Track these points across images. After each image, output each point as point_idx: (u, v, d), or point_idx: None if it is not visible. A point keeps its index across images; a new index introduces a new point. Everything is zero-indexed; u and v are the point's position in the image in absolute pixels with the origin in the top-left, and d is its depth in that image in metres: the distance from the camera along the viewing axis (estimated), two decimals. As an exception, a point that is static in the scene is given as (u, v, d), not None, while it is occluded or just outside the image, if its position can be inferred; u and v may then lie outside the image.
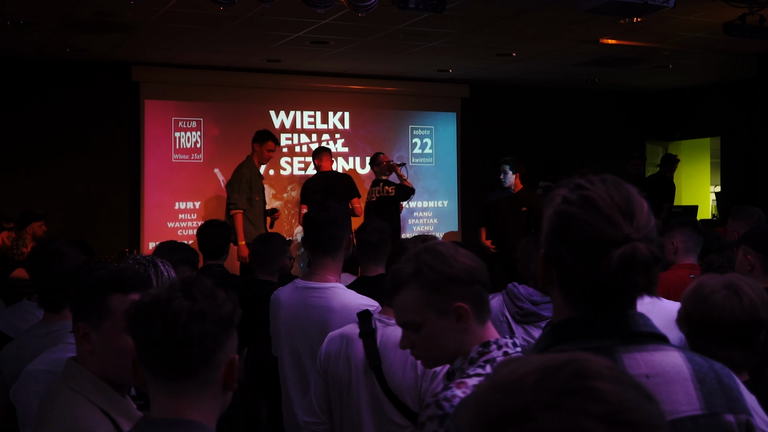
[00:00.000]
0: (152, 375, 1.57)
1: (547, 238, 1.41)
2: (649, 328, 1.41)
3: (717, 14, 6.63)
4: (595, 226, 1.34)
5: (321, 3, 5.36)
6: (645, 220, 1.36)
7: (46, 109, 8.80)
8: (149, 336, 1.53)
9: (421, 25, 7.24)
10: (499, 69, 9.72)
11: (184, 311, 1.52)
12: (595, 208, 1.34)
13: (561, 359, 0.84)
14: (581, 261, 1.35)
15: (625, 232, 1.33)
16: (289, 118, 9.93)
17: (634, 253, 1.32)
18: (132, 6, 6.08)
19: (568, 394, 0.80)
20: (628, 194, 1.38)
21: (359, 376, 2.54)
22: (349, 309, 2.92)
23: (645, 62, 9.31)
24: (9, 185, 8.54)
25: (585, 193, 1.37)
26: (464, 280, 1.85)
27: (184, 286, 1.57)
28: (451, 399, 1.73)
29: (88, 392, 2.01)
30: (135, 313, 1.56)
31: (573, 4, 5.72)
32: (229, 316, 1.57)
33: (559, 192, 1.40)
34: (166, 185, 9.19)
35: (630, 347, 1.37)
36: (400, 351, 2.27)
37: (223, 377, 1.57)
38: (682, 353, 1.41)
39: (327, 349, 2.65)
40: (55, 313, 2.90)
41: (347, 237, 3.17)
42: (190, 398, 1.55)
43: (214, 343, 1.54)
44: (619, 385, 0.82)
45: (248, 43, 8.00)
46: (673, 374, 1.37)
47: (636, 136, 11.86)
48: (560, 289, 1.41)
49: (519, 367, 0.85)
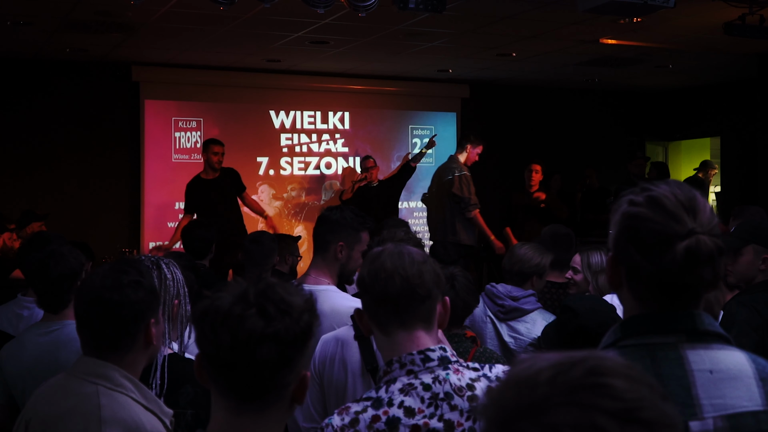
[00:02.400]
0: (215, 387, 1.44)
1: (614, 241, 1.47)
2: (714, 328, 1.46)
3: (717, 14, 6.63)
4: (660, 222, 1.40)
5: (321, 3, 5.36)
6: (708, 217, 1.42)
7: (46, 109, 8.80)
8: (216, 355, 1.40)
9: (421, 25, 7.23)
10: (499, 69, 9.72)
11: (256, 333, 1.38)
12: (660, 206, 1.41)
13: (577, 356, 0.85)
14: (648, 258, 1.40)
15: (690, 226, 1.39)
16: (289, 118, 9.93)
17: (698, 245, 1.38)
18: (132, 6, 6.07)
19: (582, 390, 0.81)
20: (691, 193, 1.44)
21: (356, 378, 2.52)
22: (338, 313, 2.88)
23: (645, 62, 9.31)
24: (9, 185, 8.54)
25: (650, 193, 1.43)
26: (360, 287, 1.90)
27: (258, 299, 1.41)
28: (325, 428, 1.76)
29: (130, 391, 1.98)
30: (203, 324, 1.42)
31: (573, 4, 5.72)
32: (304, 331, 1.42)
33: (626, 197, 1.47)
34: (166, 185, 9.19)
35: (695, 344, 1.42)
36: None
37: (291, 394, 1.46)
38: (746, 354, 1.46)
39: (321, 352, 2.61)
40: (54, 314, 2.90)
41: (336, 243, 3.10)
42: (251, 419, 1.42)
43: (286, 367, 1.41)
44: (634, 383, 0.83)
45: (248, 43, 8.00)
46: (736, 371, 1.42)
47: (636, 136, 11.85)
48: (629, 289, 1.47)
49: (535, 362, 0.85)
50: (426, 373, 1.79)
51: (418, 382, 1.77)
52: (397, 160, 10.44)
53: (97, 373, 1.98)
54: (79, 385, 1.99)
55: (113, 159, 9.11)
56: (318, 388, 2.61)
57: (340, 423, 1.75)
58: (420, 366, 1.79)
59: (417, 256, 1.88)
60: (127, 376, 1.99)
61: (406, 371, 1.79)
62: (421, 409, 1.75)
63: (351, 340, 2.55)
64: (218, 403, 1.45)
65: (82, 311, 2.06)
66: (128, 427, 1.90)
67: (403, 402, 1.75)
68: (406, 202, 10.50)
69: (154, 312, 2.06)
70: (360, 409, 1.76)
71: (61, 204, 8.65)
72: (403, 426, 1.73)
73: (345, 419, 1.75)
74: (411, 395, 1.76)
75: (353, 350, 2.54)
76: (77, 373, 2.03)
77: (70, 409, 1.96)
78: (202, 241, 5.04)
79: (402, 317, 1.83)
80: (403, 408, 1.75)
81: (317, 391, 2.62)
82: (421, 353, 1.80)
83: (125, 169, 9.17)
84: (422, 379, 1.78)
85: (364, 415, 1.74)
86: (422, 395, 1.76)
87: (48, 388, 2.08)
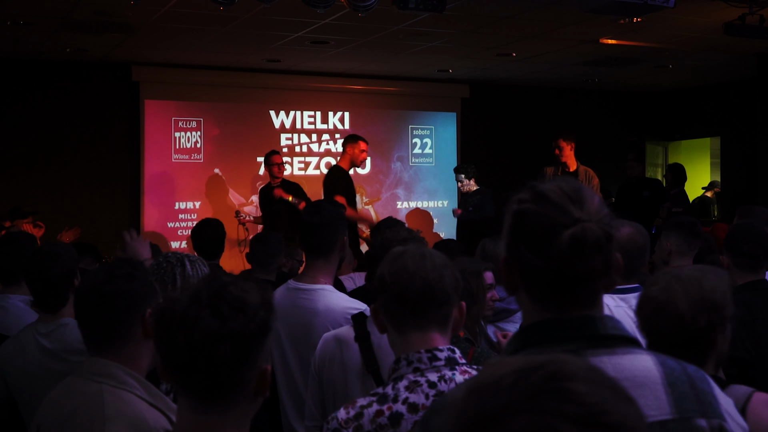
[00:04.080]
0: (178, 388, 1.46)
1: (506, 242, 1.41)
2: (618, 330, 1.38)
3: (717, 14, 6.63)
4: (545, 215, 1.35)
5: (321, 3, 5.36)
6: (596, 207, 1.37)
7: (46, 109, 8.80)
8: (173, 358, 1.42)
9: (421, 25, 7.24)
10: (499, 69, 9.72)
11: (212, 333, 1.38)
12: (545, 199, 1.36)
13: (538, 361, 0.84)
14: (537, 252, 1.35)
15: (576, 216, 1.34)
16: (289, 118, 9.94)
17: (584, 232, 1.32)
18: (132, 6, 6.08)
19: (542, 396, 0.80)
20: (578, 186, 1.40)
21: (354, 379, 2.51)
22: (332, 312, 2.89)
23: (645, 62, 9.31)
24: (8, 185, 8.53)
25: (536, 189, 1.39)
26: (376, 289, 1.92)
27: (211, 299, 1.41)
28: (330, 421, 1.79)
29: (134, 388, 1.99)
30: (159, 328, 1.44)
31: (573, 4, 5.72)
32: (260, 328, 1.42)
33: (514, 198, 1.42)
34: (166, 185, 9.20)
35: (598, 350, 1.35)
36: None
37: (254, 388, 1.46)
38: (654, 357, 1.39)
39: (321, 351, 2.62)
40: (52, 314, 2.90)
41: (341, 240, 3.14)
42: (217, 415, 1.44)
43: (244, 364, 1.42)
44: (595, 387, 0.81)
45: (248, 43, 8.00)
46: (642, 378, 1.35)
47: (636, 136, 11.85)
48: (525, 290, 1.41)
49: (497, 369, 0.84)
50: (432, 372, 1.80)
51: (423, 380, 1.79)
52: (397, 160, 10.45)
53: (101, 372, 2.01)
54: (84, 385, 2.01)
55: (113, 159, 9.11)
56: (318, 387, 2.62)
57: (345, 416, 1.78)
58: (427, 364, 1.80)
59: (438, 259, 1.88)
60: (130, 374, 2.01)
61: (412, 369, 1.80)
62: (425, 406, 1.76)
63: (351, 341, 2.55)
64: (182, 402, 1.46)
65: (78, 307, 2.11)
66: (132, 423, 1.91)
67: (407, 398, 1.77)
68: (406, 202, 10.51)
69: (150, 303, 2.09)
70: (366, 403, 1.79)
71: (61, 204, 8.65)
72: (405, 421, 1.75)
73: (350, 413, 1.78)
74: (416, 392, 1.77)
75: (353, 351, 2.54)
76: (83, 373, 2.05)
77: (75, 408, 1.98)
78: (211, 241, 4.98)
79: (419, 319, 1.85)
80: (407, 404, 1.76)
81: (318, 390, 2.62)
82: (428, 352, 1.81)
83: (125, 169, 9.18)
84: (428, 377, 1.79)
85: (369, 410, 1.77)
86: (427, 392, 1.77)
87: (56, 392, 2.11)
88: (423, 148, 10.65)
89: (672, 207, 8.61)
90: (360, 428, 1.75)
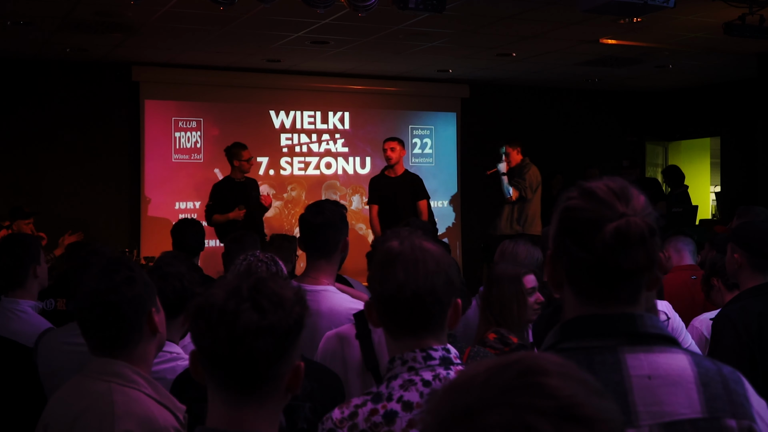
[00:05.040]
0: (212, 381, 1.48)
1: (552, 238, 1.45)
2: (657, 329, 1.41)
3: (717, 14, 6.63)
4: (592, 210, 1.39)
5: (321, 3, 5.36)
6: (642, 204, 1.41)
7: (46, 109, 8.79)
8: (213, 350, 1.44)
9: (421, 25, 7.24)
10: (499, 69, 9.72)
11: (252, 327, 1.42)
12: (592, 195, 1.40)
13: (511, 358, 0.85)
14: (582, 245, 1.39)
15: (621, 211, 1.38)
16: (289, 118, 9.93)
17: (628, 225, 1.35)
18: (132, 6, 6.08)
19: (514, 390, 0.80)
20: (625, 184, 1.44)
21: (354, 377, 2.52)
22: (336, 313, 2.88)
23: (645, 62, 9.31)
24: (8, 185, 8.53)
25: (583, 186, 1.44)
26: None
27: (251, 294, 1.45)
28: (325, 421, 1.80)
29: (142, 387, 2.01)
30: (199, 321, 1.46)
31: (573, 4, 5.72)
32: (296, 323, 1.47)
33: (563, 196, 1.46)
34: (166, 185, 9.20)
35: (636, 347, 1.38)
36: None
37: (286, 384, 1.50)
38: (690, 356, 1.41)
39: (324, 348, 2.64)
40: None
41: (343, 240, 3.13)
42: (252, 409, 1.46)
43: (281, 358, 1.46)
44: (567, 380, 0.82)
45: (248, 43, 8.00)
46: (675, 376, 1.37)
47: (636, 136, 11.85)
48: (569, 284, 1.44)
49: (472, 368, 0.85)
50: (427, 371, 1.80)
51: (418, 379, 1.79)
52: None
53: (109, 371, 2.02)
54: (93, 385, 2.03)
55: (113, 159, 9.11)
56: None
57: (340, 416, 1.78)
58: (421, 363, 1.80)
59: (431, 264, 1.82)
60: (138, 372, 2.03)
61: (407, 368, 1.81)
62: (420, 404, 1.76)
63: (353, 338, 2.56)
64: (216, 397, 1.47)
65: (83, 316, 2.10)
66: (141, 421, 1.93)
67: (402, 397, 1.77)
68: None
69: (152, 302, 2.12)
70: (360, 402, 1.80)
71: (61, 204, 8.65)
72: (399, 419, 1.75)
73: (345, 412, 1.78)
74: (410, 391, 1.78)
75: (354, 348, 2.55)
76: (90, 373, 2.07)
77: (84, 408, 1.99)
78: (192, 239, 4.96)
79: (410, 326, 1.83)
80: (401, 402, 1.77)
81: None
82: (423, 351, 1.81)
83: (125, 169, 9.17)
84: (422, 376, 1.79)
85: (363, 409, 1.78)
86: (421, 390, 1.78)
87: (63, 392, 2.12)
88: (423, 148, 10.64)
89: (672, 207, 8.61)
90: (355, 427, 1.76)
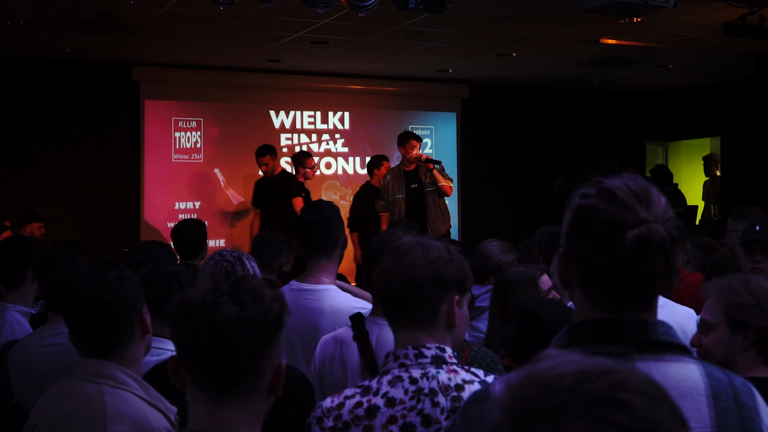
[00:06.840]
0: (193, 381, 1.46)
1: (566, 237, 1.39)
2: (669, 337, 1.37)
3: (717, 14, 6.63)
4: (611, 212, 1.32)
5: (321, 3, 5.36)
6: (662, 208, 1.35)
7: (46, 109, 8.80)
8: (193, 344, 1.42)
9: (421, 25, 7.24)
10: (499, 69, 9.72)
11: (230, 319, 1.41)
12: (612, 196, 1.34)
13: (604, 367, 0.82)
14: (598, 249, 1.32)
15: (642, 216, 1.32)
16: (289, 118, 9.94)
17: (650, 233, 1.30)
18: (132, 6, 6.08)
19: (602, 404, 0.78)
20: (645, 185, 1.37)
21: (355, 379, 2.52)
22: (339, 312, 2.90)
23: (645, 62, 9.31)
24: (8, 185, 8.54)
25: (602, 185, 1.37)
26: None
27: (230, 288, 1.45)
28: (316, 409, 1.85)
29: (133, 388, 2.00)
30: (177, 317, 1.45)
31: (573, 4, 5.72)
32: (276, 318, 1.46)
33: (577, 192, 1.40)
34: (166, 185, 9.20)
35: (646, 356, 1.34)
36: None
37: (268, 384, 1.48)
38: (702, 366, 1.38)
39: (321, 353, 2.63)
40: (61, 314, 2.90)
41: (342, 236, 3.15)
42: (233, 408, 1.44)
43: (261, 352, 1.44)
44: (656, 404, 0.80)
45: (248, 43, 8.00)
46: (686, 388, 1.33)
47: (636, 136, 11.85)
48: (580, 286, 1.39)
49: (559, 365, 0.82)
50: (416, 368, 1.82)
51: (406, 375, 1.82)
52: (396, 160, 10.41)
53: (100, 373, 2.00)
54: (83, 386, 2.00)
55: (113, 159, 9.11)
56: (319, 389, 2.62)
57: (330, 405, 1.83)
58: (412, 360, 1.83)
59: (419, 259, 1.84)
60: (129, 374, 2.02)
61: (398, 364, 1.83)
62: (403, 401, 1.79)
63: (350, 341, 2.55)
64: (197, 397, 1.46)
65: (74, 316, 2.08)
66: (134, 423, 1.92)
67: (387, 392, 1.80)
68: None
69: (142, 302, 2.12)
70: (350, 394, 1.84)
71: (60, 204, 8.66)
72: (381, 414, 1.78)
73: (334, 402, 1.83)
74: (396, 387, 1.81)
75: (352, 351, 2.54)
76: (79, 374, 2.04)
77: (75, 410, 1.97)
78: (191, 241, 4.94)
79: (399, 319, 1.87)
80: (385, 398, 1.80)
81: (318, 392, 2.62)
82: (415, 349, 1.83)
83: (125, 169, 9.17)
84: (411, 373, 1.82)
85: (350, 401, 1.82)
86: (407, 387, 1.80)
87: (51, 393, 2.10)
88: (423, 148, 10.61)
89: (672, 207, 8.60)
90: (339, 417, 1.80)
